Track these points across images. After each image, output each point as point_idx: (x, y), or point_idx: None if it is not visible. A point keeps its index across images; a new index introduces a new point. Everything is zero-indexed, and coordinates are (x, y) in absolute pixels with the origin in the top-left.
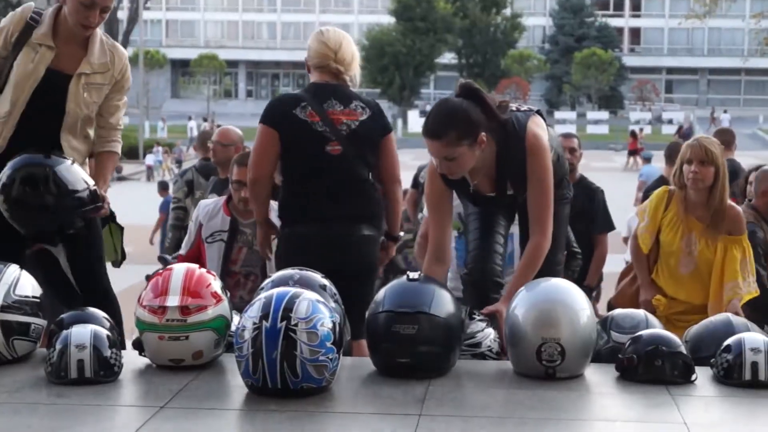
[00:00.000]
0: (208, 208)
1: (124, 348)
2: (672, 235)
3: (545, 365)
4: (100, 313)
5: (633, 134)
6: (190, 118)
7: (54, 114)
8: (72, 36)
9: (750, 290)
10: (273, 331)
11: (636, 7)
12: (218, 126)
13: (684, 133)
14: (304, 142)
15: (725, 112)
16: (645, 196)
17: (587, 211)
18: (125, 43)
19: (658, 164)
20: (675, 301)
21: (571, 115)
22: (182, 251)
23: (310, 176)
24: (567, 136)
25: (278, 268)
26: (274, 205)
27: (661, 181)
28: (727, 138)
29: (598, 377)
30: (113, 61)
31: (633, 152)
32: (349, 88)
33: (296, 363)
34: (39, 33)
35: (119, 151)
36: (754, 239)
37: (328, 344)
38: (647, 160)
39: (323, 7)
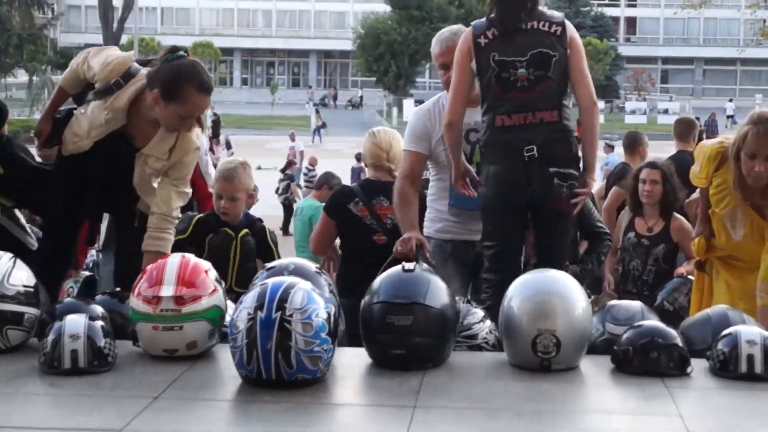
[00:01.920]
0: None
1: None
2: (716, 200)
3: (540, 357)
4: (95, 304)
5: (578, 122)
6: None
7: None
8: (146, 114)
9: None
10: (268, 322)
11: None
12: (215, 113)
13: (704, 126)
14: (355, 232)
15: (730, 101)
16: (608, 184)
17: None
18: (120, 31)
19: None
20: (715, 247)
21: None
22: None
23: (361, 260)
24: None
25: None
26: None
27: (623, 168)
28: (683, 129)
29: (594, 369)
30: (174, 149)
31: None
32: None
33: (291, 354)
34: (114, 104)
35: (168, 251)
36: None
37: (323, 335)
38: (611, 147)
39: None
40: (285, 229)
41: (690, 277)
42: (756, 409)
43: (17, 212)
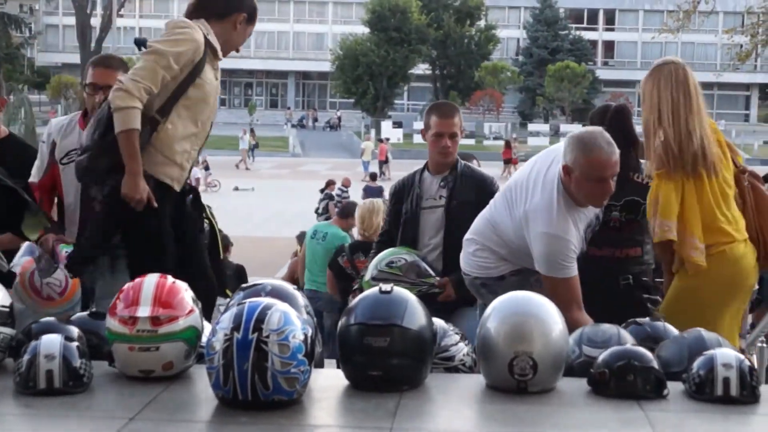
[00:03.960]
0: (61, 124)
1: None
2: None
3: (517, 379)
4: (69, 324)
5: (507, 143)
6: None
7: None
8: None
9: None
10: (244, 343)
11: (610, 20)
12: None
13: None
14: (342, 278)
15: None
16: None
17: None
18: (98, 51)
19: None
20: None
21: (545, 127)
22: (34, 178)
23: (347, 298)
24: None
25: None
26: None
27: None
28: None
29: (570, 391)
30: None
31: (507, 161)
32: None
33: (267, 375)
34: (218, 54)
35: None
36: None
37: (300, 356)
38: None
39: (297, 17)
40: None
41: None
42: None
43: None
